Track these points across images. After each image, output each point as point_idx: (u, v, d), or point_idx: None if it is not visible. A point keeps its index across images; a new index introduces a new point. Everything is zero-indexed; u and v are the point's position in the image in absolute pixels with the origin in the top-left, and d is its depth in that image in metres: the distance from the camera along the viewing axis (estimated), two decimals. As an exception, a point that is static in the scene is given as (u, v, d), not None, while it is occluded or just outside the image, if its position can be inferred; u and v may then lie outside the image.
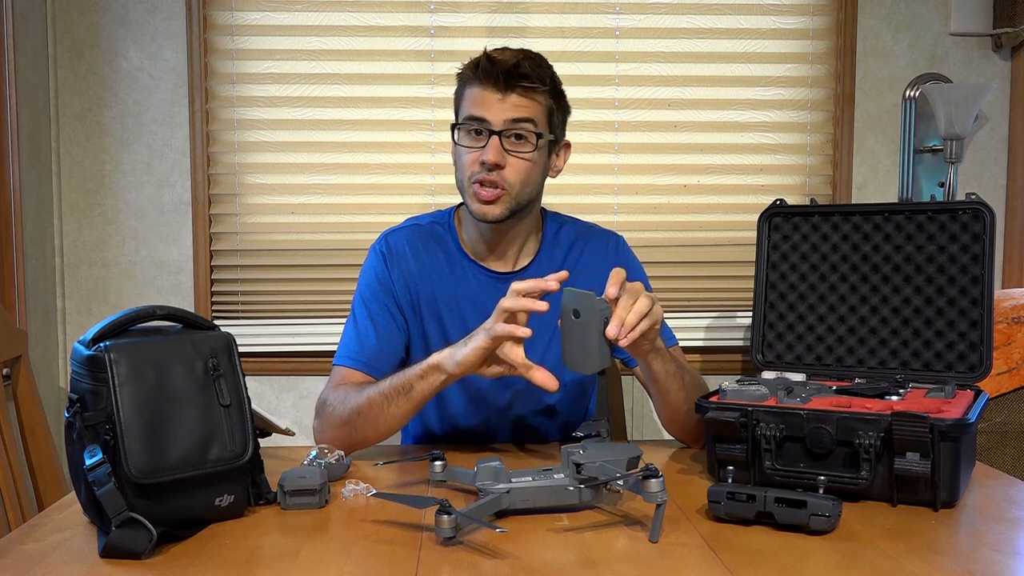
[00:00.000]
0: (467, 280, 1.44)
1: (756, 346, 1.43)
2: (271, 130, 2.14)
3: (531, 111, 1.34)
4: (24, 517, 1.40)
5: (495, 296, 1.42)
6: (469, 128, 1.35)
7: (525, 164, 1.35)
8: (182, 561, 0.92)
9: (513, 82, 1.33)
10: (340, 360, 1.41)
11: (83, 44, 2.09)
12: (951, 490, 1.07)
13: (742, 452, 1.14)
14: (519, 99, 1.33)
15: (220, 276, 2.16)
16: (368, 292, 1.45)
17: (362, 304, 1.44)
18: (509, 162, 1.33)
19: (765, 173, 2.20)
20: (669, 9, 2.15)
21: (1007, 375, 1.86)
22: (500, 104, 1.33)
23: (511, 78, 1.32)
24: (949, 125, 2.03)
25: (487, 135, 1.33)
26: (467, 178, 1.36)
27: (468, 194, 1.37)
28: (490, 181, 1.33)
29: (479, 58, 1.35)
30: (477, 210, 1.36)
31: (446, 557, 0.92)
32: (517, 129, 1.33)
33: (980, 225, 1.30)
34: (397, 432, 1.33)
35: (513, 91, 1.33)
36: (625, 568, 0.89)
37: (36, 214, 2.02)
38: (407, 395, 1.25)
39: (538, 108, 1.35)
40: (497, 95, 1.33)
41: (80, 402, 0.97)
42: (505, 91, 1.33)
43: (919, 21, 2.19)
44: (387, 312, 1.42)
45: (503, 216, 1.36)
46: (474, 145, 1.35)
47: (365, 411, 1.28)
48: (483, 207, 1.35)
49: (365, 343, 1.40)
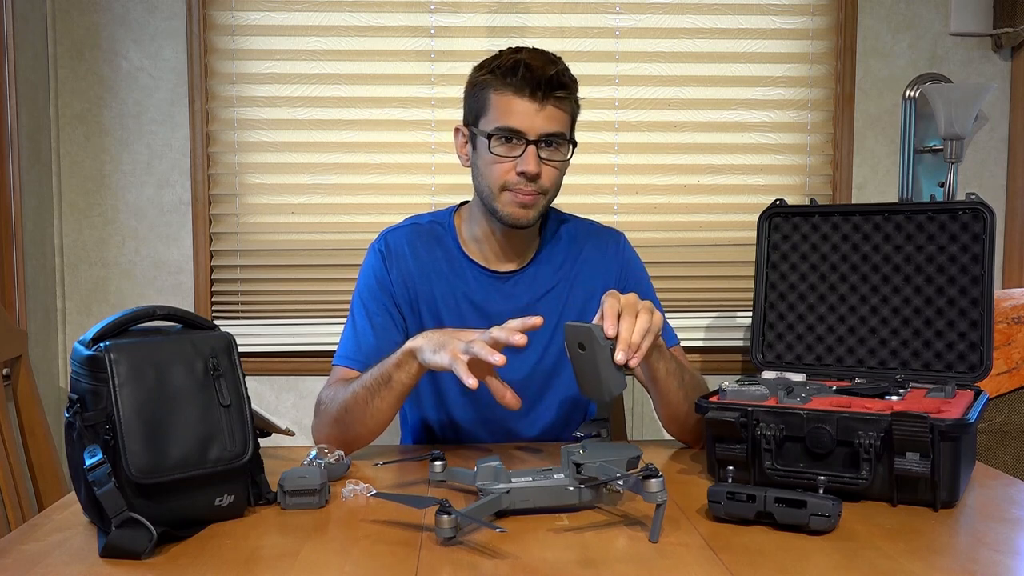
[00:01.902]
0: (466, 279, 1.44)
1: (756, 346, 1.43)
2: (271, 130, 2.14)
3: (564, 121, 1.35)
4: (24, 517, 1.40)
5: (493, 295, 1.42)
6: (502, 137, 1.33)
7: (556, 171, 1.36)
8: (182, 561, 0.92)
9: (550, 92, 1.31)
10: (338, 360, 1.42)
11: (83, 44, 2.09)
12: (951, 490, 1.06)
13: (742, 452, 1.14)
14: (554, 110, 1.32)
15: (220, 276, 2.16)
16: (366, 291, 1.45)
17: (360, 303, 1.45)
18: (544, 170, 1.34)
19: (765, 173, 2.20)
20: (669, 9, 2.15)
21: (1007, 375, 1.86)
22: (538, 115, 1.31)
23: (550, 88, 1.30)
24: (949, 125, 2.03)
25: (524, 144, 1.32)
26: (499, 186, 1.35)
27: (500, 202, 1.35)
28: (530, 189, 1.33)
29: (512, 63, 1.31)
30: (512, 214, 1.35)
31: (446, 557, 0.92)
32: (552, 139, 1.33)
33: (980, 225, 1.30)
34: (387, 427, 1.32)
35: (549, 101, 1.31)
36: (625, 568, 0.89)
37: (36, 214, 2.02)
38: (388, 386, 1.26)
39: (568, 116, 1.36)
40: (534, 105, 1.31)
41: (80, 402, 0.97)
42: (543, 102, 1.31)
43: (919, 21, 2.19)
44: (385, 311, 1.42)
45: (535, 220, 1.38)
46: (508, 155, 1.33)
47: (351, 407, 1.28)
48: (519, 211, 1.35)
49: (362, 342, 1.40)
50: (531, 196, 1.34)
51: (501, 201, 1.35)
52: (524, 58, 1.32)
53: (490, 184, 1.36)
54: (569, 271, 1.47)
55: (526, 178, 1.32)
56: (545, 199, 1.37)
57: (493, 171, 1.35)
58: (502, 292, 1.44)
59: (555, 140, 1.33)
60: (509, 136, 1.32)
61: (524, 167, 1.31)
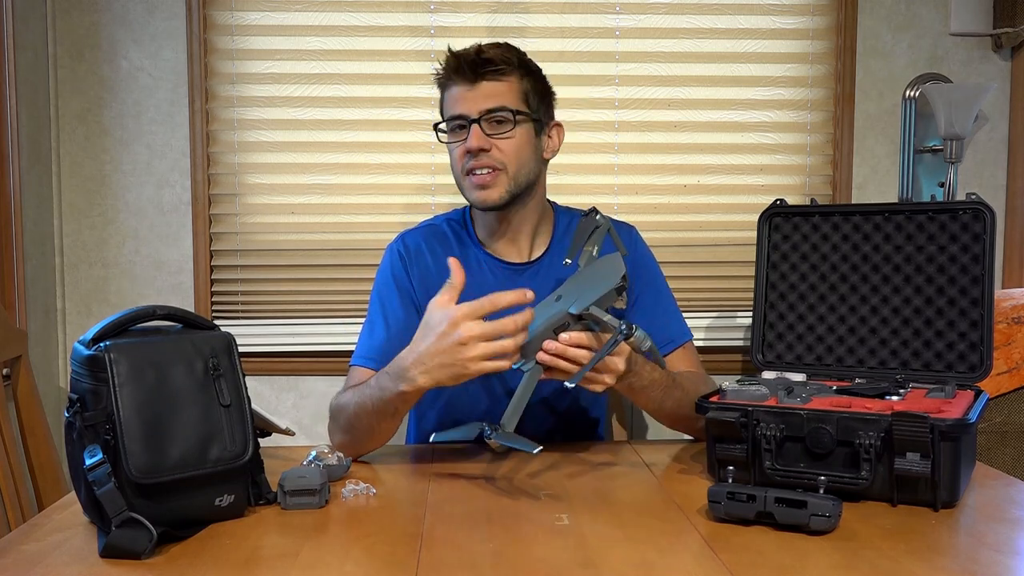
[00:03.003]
0: (483, 272, 1.45)
1: (756, 346, 1.43)
2: (271, 130, 2.14)
3: (504, 97, 1.37)
4: (24, 517, 1.40)
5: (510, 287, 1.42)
6: (452, 126, 1.39)
7: (511, 142, 1.37)
8: (182, 561, 0.92)
9: (480, 69, 1.35)
10: (355, 360, 1.42)
11: (83, 44, 2.09)
12: (951, 490, 1.07)
13: (742, 452, 1.14)
14: (490, 85, 1.36)
15: (220, 276, 2.16)
16: (385, 292, 1.45)
17: (378, 304, 1.45)
18: (495, 144, 1.36)
19: (765, 173, 2.20)
20: (669, 9, 2.15)
21: (1007, 375, 1.85)
22: (472, 94, 1.36)
23: (476, 66, 1.35)
24: (949, 125, 2.03)
25: (467, 125, 1.36)
26: (460, 172, 1.39)
27: (465, 187, 1.40)
28: (480, 165, 1.35)
29: (445, 59, 1.39)
30: (476, 197, 1.38)
31: (446, 557, 0.92)
32: (495, 115, 1.36)
33: (980, 225, 1.30)
34: None
35: (482, 79, 1.36)
36: (625, 568, 0.89)
37: (36, 214, 2.02)
38: (393, 416, 1.25)
39: (511, 91, 1.38)
40: (467, 87, 1.36)
41: (80, 402, 0.97)
42: (474, 81, 1.36)
43: (919, 21, 2.18)
44: (402, 311, 1.42)
45: (503, 199, 1.37)
46: (458, 139, 1.38)
47: (356, 424, 1.28)
48: (480, 192, 1.37)
49: (376, 342, 1.41)
50: (487, 175, 1.35)
51: (466, 188, 1.39)
52: (454, 50, 1.38)
53: (456, 175, 1.41)
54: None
55: (472, 155, 1.35)
56: (506, 176, 1.37)
57: (454, 159, 1.40)
58: (519, 285, 1.44)
59: (498, 114, 1.36)
60: (456, 123, 1.37)
61: (468, 144, 1.35)
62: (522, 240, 1.45)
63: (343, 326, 2.11)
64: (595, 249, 1.27)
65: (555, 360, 1.13)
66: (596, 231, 1.29)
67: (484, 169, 1.35)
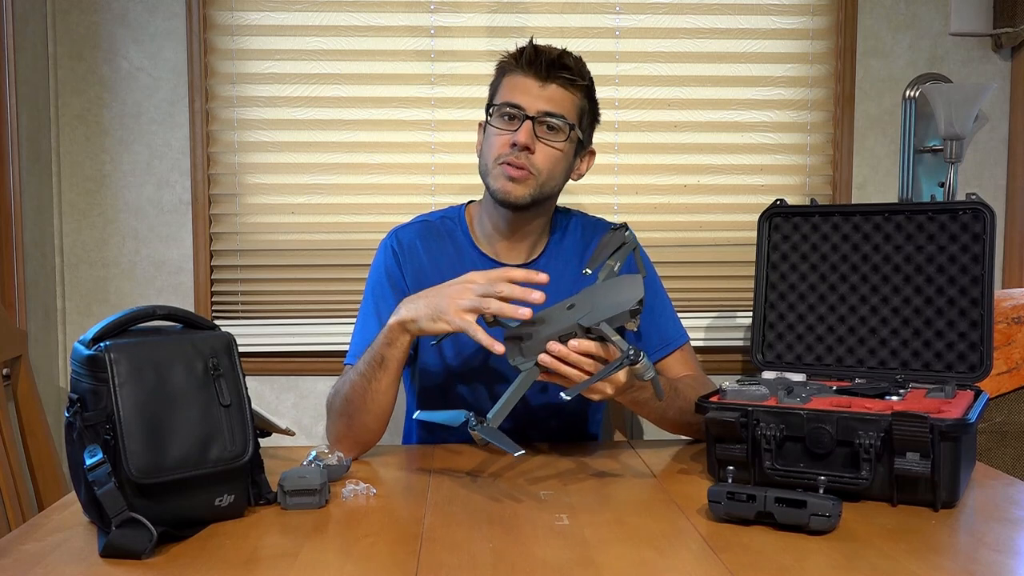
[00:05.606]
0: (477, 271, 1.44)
1: (756, 346, 1.43)
2: (271, 130, 2.14)
3: (566, 106, 1.36)
4: (24, 517, 1.40)
5: None
6: (503, 112, 1.36)
7: (554, 153, 1.36)
8: (182, 561, 0.92)
9: (555, 72, 1.35)
10: (348, 359, 1.42)
11: (83, 44, 2.09)
12: (951, 490, 1.07)
13: (742, 452, 1.14)
14: (557, 91, 1.35)
15: (220, 276, 2.16)
16: (378, 288, 1.45)
17: (371, 301, 1.45)
18: (539, 148, 1.35)
19: (765, 173, 2.20)
20: (669, 9, 2.15)
21: (1007, 375, 1.85)
22: (539, 92, 1.35)
23: (553, 68, 1.34)
24: (949, 125, 2.03)
25: (521, 119, 1.34)
26: (494, 159, 1.36)
27: (492, 175, 1.37)
28: (518, 163, 1.34)
29: (524, 47, 1.37)
30: (501, 187, 1.36)
31: (446, 557, 0.92)
32: (550, 120, 1.35)
33: (980, 225, 1.30)
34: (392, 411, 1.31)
35: (553, 82, 1.35)
36: (625, 568, 0.89)
37: (36, 214, 2.02)
38: (383, 367, 1.26)
39: (573, 104, 1.37)
40: (537, 83, 1.35)
41: (80, 402, 0.97)
42: (546, 80, 1.35)
43: (919, 21, 2.18)
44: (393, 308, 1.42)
45: (526, 199, 1.36)
46: (507, 128, 1.36)
47: (351, 396, 1.28)
48: (508, 184, 1.35)
49: (370, 339, 1.40)
50: (521, 170, 1.34)
51: (493, 175, 1.37)
52: (536, 44, 1.37)
53: (488, 159, 1.38)
54: (579, 264, 1.47)
55: (516, 150, 1.33)
56: (536, 181, 1.36)
57: (491, 144, 1.38)
58: None
59: (555, 121, 1.35)
60: (510, 111, 1.35)
61: (516, 137, 1.33)
62: (521, 245, 1.45)
63: (343, 326, 2.11)
64: (617, 265, 1.25)
65: (556, 363, 1.13)
66: (622, 248, 1.27)
67: (521, 164, 1.34)
